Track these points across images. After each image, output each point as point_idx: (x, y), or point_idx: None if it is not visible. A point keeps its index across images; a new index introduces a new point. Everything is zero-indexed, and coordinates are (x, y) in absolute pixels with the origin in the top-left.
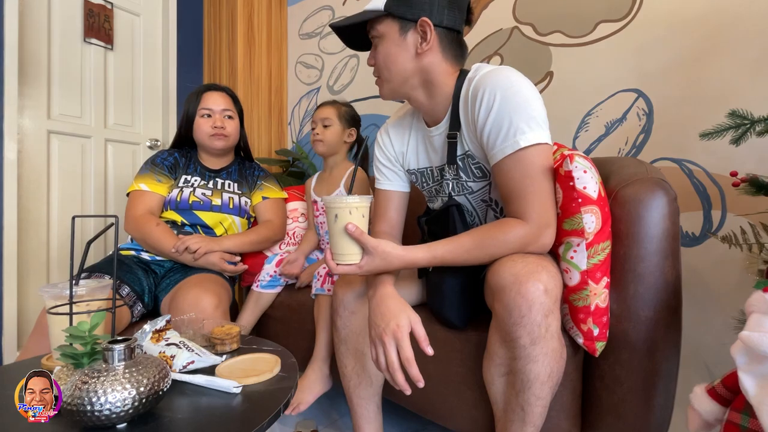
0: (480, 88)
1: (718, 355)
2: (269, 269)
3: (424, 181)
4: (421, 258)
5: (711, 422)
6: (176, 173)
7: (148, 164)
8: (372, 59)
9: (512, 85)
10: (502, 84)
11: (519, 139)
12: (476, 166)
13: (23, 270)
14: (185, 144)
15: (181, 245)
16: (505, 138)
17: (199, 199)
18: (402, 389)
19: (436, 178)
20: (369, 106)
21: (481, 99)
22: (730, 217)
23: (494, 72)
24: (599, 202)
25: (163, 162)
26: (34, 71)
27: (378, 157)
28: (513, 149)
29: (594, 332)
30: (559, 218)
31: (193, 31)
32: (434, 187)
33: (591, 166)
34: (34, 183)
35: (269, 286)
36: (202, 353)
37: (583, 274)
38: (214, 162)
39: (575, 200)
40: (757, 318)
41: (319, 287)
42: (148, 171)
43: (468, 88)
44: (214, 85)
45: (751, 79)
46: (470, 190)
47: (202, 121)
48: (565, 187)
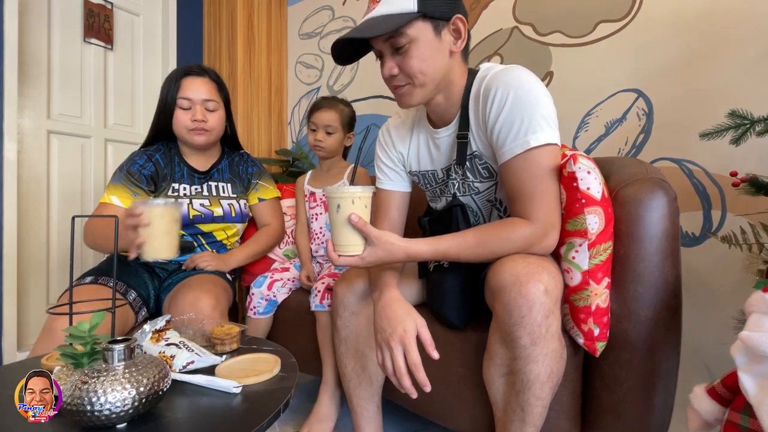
0: (492, 87)
1: (718, 355)
2: (262, 293)
3: (426, 182)
4: (424, 251)
5: (711, 422)
6: (158, 184)
7: (123, 173)
8: (395, 68)
9: (524, 84)
10: (515, 83)
11: (529, 138)
12: (483, 167)
13: (23, 270)
14: (163, 137)
15: (191, 264)
16: (515, 137)
17: (200, 213)
18: (409, 393)
19: (439, 180)
20: (369, 106)
21: (493, 97)
22: (730, 217)
23: (507, 71)
24: (603, 203)
25: (141, 171)
26: (34, 71)
27: (380, 156)
28: (523, 149)
29: (594, 332)
30: (562, 218)
31: (193, 31)
32: (438, 188)
33: (594, 167)
34: (34, 183)
35: (267, 312)
36: (202, 353)
37: (585, 274)
38: (200, 160)
39: (579, 201)
40: (757, 318)
41: (318, 303)
42: (123, 182)
43: (479, 86)
44: (195, 68)
45: (751, 79)
46: (476, 191)
47: (180, 113)
48: (569, 188)
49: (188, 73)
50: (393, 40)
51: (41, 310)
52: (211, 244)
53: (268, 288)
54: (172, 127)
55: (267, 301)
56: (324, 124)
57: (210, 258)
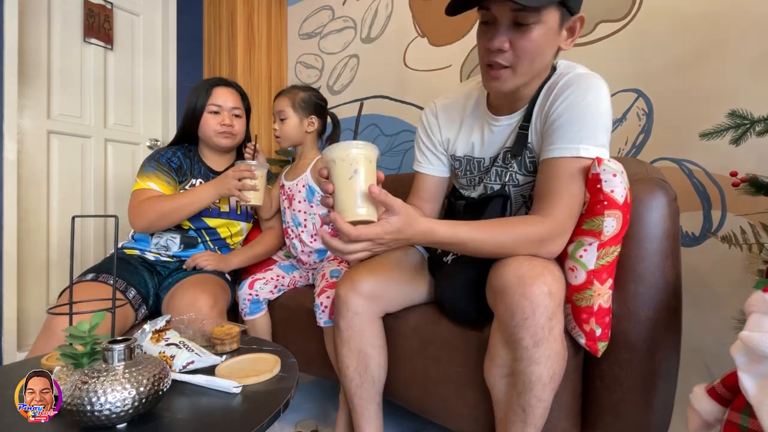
0: (572, 86)
1: (718, 355)
2: (245, 294)
3: (468, 169)
4: (441, 232)
5: (711, 422)
6: (181, 176)
7: (153, 163)
8: (506, 43)
9: (599, 95)
10: (593, 91)
11: (581, 147)
12: (531, 160)
13: (23, 270)
14: (187, 139)
15: (191, 263)
16: (570, 140)
17: (208, 207)
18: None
19: (483, 168)
20: (369, 106)
21: (567, 95)
22: (730, 217)
23: (591, 76)
24: (623, 208)
25: (169, 162)
26: (34, 71)
27: (422, 137)
28: (572, 154)
29: (596, 332)
30: (581, 218)
31: (193, 31)
32: (478, 176)
33: (621, 170)
34: (34, 183)
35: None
36: (202, 353)
37: (590, 273)
38: (218, 161)
39: (600, 202)
40: (757, 318)
41: (326, 319)
42: (155, 170)
43: (555, 81)
44: (224, 80)
45: (751, 79)
46: (516, 183)
47: (209, 117)
48: (593, 190)
49: (218, 83)
50: (522, 14)
51: (41, 310)
52: (215, 241)
53: (249, 287)
54: (197, 131)
55: (250, 300)
56: (276, 111)
57: (211, 257)
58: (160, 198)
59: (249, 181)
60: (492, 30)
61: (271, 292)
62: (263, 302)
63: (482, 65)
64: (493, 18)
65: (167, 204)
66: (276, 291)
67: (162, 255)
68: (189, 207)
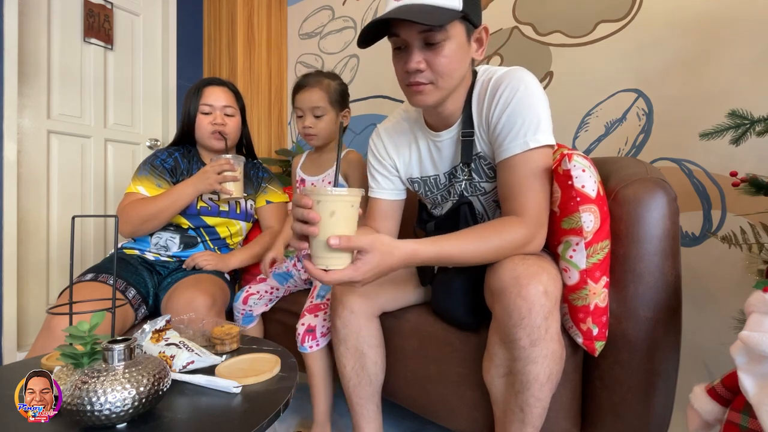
0: (499, 87)
1: (718, 355)
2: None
3: (428, 189)
4: (426, 251)
5: (711, 422)
6: (177, 176)
7: (147, 166)
8: (422, 63)
9: (528, 86)
10: (520, 85)
11: (529, 139)
12: (488, 167)
13: (23, 270)
14: (187, 141)
15: (191, 263)
16: (515, 137)
17: (207, 205)
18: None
19: (441, 185)
20: (369, 106)
21: (499, 97)
22: (729, 217)
23: (513, 72)
24: (598, 201)
25: (163, 164)
26: (34, 71)
27: (372, 163)
28: (522, 149)
29: (593, 332)
30: (557, 217)
31: (193, 31)
32: (440, 194)
33: (590, 165)
34: (33, 183)
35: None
36: (202, 353)
37: (583, 273)
38: None
39: (573, 199)
40: (757, 318)
41: (300, 345)
42: (148, 173)
43: (483, 87)
44: (215, 80)
45: (751, 79)
46: (483, 191)
47: (202, 118)
48: (564, 186)
49: (209, 83)
50: (430, 34)
51: (41, 310)
52: (214, 240)
53: (243, 302)
54: (194, 134)
55: (243, 314)
56: (310, 107)
57: (210, 257)
58: (141, 202)
59: (229, 173)
60: (406, 54)
61: (266, 305)
62: (256, 316)
63: (403, 87)
64: (404, 43)
65: (150, 207)
66: (270, 303)
67: (161, 255)
68: (171, 207)
